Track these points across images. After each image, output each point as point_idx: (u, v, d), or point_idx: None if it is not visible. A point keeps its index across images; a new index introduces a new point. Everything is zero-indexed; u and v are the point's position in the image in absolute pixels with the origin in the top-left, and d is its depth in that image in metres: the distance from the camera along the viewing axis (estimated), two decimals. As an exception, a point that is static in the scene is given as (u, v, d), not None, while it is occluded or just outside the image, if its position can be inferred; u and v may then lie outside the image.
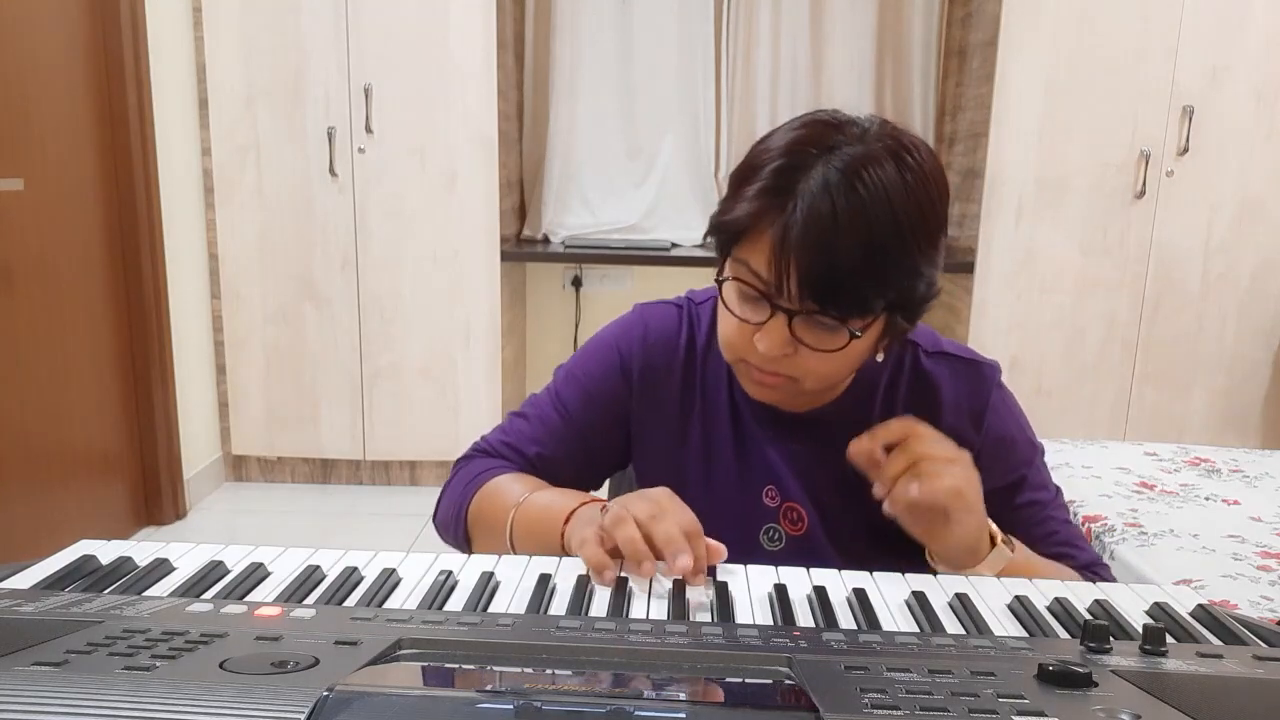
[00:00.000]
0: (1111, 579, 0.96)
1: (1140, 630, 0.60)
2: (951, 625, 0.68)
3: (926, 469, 0.81)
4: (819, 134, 0.82)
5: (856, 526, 0.95)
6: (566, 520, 0.87)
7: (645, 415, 1.03)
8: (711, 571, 0.78)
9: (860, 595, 0.71)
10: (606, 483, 1.22)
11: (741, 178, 0.85)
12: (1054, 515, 1.00)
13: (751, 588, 0.74)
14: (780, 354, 0.84)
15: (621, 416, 1.04)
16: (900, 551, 0.89)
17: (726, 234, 0.86)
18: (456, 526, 1.01)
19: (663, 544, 0.75)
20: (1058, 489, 1.03)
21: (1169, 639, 0.60)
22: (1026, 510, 0.99)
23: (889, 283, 0.81)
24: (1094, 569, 0.98)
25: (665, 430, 1.02)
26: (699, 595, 0.72)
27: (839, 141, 0.81)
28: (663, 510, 0.78)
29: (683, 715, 0.45)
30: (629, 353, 1.03)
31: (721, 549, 0.79)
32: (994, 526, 0.87)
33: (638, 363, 1.02)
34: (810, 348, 0.84)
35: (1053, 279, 3.09)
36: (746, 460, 1.00)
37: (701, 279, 3.68)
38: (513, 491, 0.96)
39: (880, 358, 0.92)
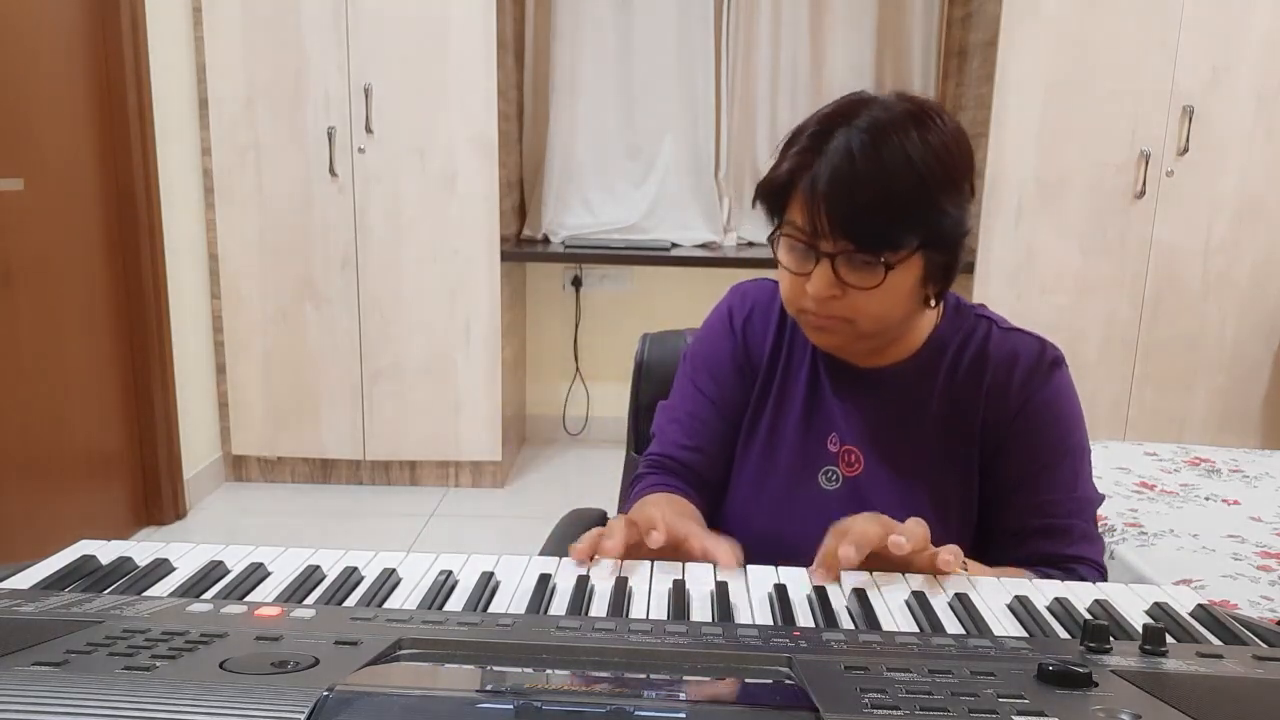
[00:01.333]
0: (1093, 578, 0.96)
1: (1140, 630, 0.60)
2: (951, 625, 0.68)
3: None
4: (848, 105, 0.94)
5: (902, 473, 1.03)
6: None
7: (745, 367, 1.12)
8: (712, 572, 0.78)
9: (860, 595, 0.71)
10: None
11: (784, 147, 0.97)
12: (1060, 508, 0.99)
13: (751, 588, 0.74)
14: (829, 294, 0.93)
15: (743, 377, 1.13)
16: (939, 501, 1.00)
17: (770, 192, 0.97)
18: None
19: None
20: (1088, 500, 1.01)
21: (1169, 639, 0.60)
22: (1029, 506, 1.00)
23: (912, 215, 0.90)
24: (1067, 564, 0.97)
25: (755, 383, 1.11)
26: (700, 593, 0.72)
27: (863, 111, 0.92)
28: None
29: (683, 715, 0.45)
30: (736, 319, 1.14)
31: (732, 559, 0.81)
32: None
33: (739, 324, 1.13)
34: (854, 287, 0.93)
35: (1053, 279, 3.09)
36: (815, 413, 1.08)
37: (701, 279, 3.69)
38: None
39: (933, 304, 0.99)
